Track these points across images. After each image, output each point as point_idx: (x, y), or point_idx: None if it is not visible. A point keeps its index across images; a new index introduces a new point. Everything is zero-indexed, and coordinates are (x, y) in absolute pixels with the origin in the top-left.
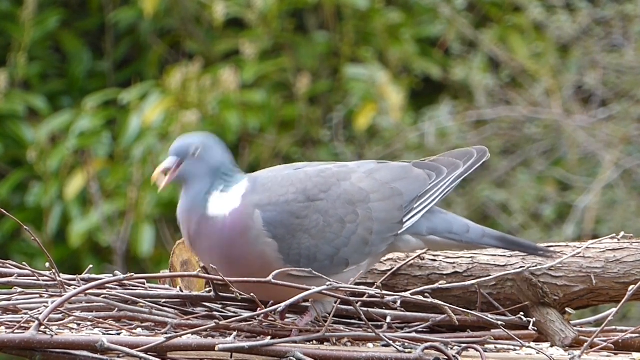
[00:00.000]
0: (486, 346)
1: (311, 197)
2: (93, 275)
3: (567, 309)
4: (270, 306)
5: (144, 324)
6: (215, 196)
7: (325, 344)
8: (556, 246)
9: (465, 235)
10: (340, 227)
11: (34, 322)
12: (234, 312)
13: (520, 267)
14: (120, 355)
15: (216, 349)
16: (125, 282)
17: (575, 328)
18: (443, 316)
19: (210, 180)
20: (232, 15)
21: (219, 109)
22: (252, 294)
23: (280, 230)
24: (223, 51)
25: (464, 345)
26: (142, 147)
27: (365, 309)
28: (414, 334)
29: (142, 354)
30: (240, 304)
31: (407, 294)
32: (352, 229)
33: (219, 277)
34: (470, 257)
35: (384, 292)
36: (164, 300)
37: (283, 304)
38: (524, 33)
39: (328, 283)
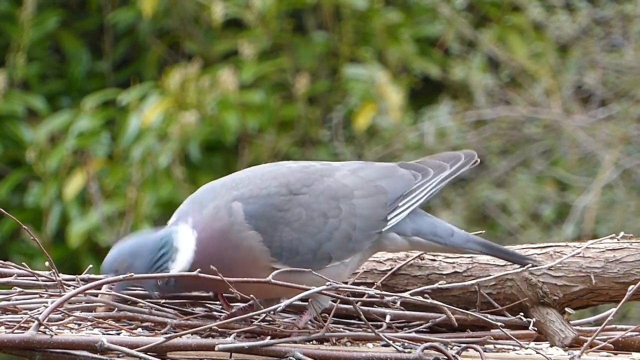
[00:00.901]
0: (486, 346)
1: (294, 191)
2: (92, 275)
3: (566, 309)
4: (270, 305)
5: (143, 324)
6: (173, 264)
7: (325, 343)
8: (556, 246)
9: (449, 239)
10: (323, 221)
11: (33, 322)
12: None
13: (520, 267)
14: (120, 355)
15: (216, 349)
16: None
17: (574, 328)
18: (443, 316)
19: (154, 266)
20: (231, 16)
21: (218, 110)
22: (251, 295)
23: (262, 223)
24: (222, 51)
25: (463, 345)
26: (142, 148)
27: (365, 307)
28: (413, 334)
29: (141, 354)
30: (240, 303)
31: (406, 294)
32: (334, 224)
33: (218, 277)
34: (470, 257)
35: (383, 292)
36: (163, 300)
37: (282, 304)
38: (524, 33)
39: (328, 283)
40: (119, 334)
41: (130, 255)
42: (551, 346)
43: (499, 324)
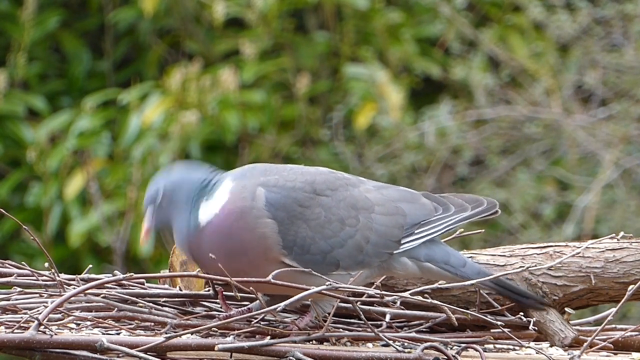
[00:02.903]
0: (486, 346)
1: (317, 191)
2: (92, 275)
3: (566, 309)
4: (270, 304)
5: (143, 324)
6: (202, 208)
7: (325, 343)
8: (556, 246)
9: (460, 269)
10: (339, 227)
11: (33, 321)
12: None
13: (520, 266)
14: (120, 355)
15: (216, 348)
16: (125, 282)
17: (574, 328)
18: (443, 316)
19: (190, 205)
20: (232, 15)
21: (219, 109)
22: (251, 288)
23: (281, 213)
24: (223, 51)
25: (463, 345)
26: (142, 148)
27: (365, 307)
28: (413, 334)
29: (141, 354)
30: (240, 303)
31: (406, 294)
32: (350, 232)
33: (218, 277)
34: (470, 257)
35: (383, 292)
36: (163, 299)
37: (282, 304)
38: (524, 33)
39: (328, 283)
40: (119, 334)
41: (173, 185)
42: (551, 346)
43: (499, 323)
